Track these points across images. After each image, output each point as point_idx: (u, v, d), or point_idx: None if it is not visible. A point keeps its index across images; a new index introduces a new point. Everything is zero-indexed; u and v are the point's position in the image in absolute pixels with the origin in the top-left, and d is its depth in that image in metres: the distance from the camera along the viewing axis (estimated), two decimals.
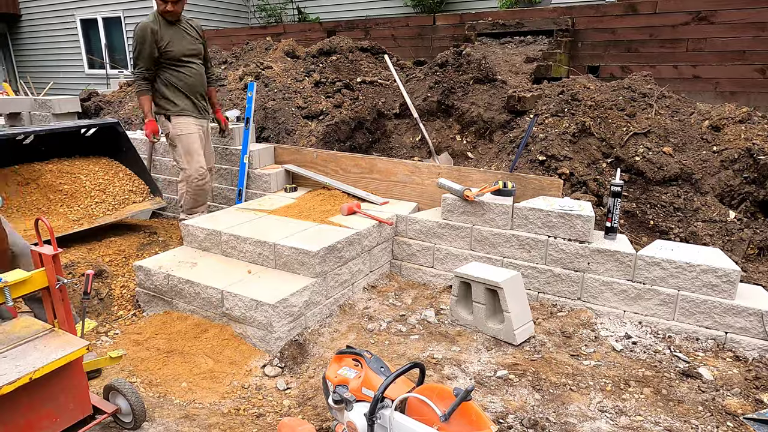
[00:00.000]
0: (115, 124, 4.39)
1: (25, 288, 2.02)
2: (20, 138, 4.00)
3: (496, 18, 6.87)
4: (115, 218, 4.12)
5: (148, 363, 2.80)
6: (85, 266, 3.55)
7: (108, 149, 4.53)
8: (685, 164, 3.74)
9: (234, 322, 2.98)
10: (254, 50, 7.00)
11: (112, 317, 3.32)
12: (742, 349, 2.74)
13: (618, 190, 3.11)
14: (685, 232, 3.51)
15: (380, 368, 1.90)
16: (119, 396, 2.22)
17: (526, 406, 2.36)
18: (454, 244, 3.57)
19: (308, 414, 2.40)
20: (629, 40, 6.02)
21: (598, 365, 2.66)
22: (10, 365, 1.85)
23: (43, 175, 4.11)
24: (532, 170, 3.94)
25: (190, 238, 3.65)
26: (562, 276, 3.22)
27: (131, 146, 4.48)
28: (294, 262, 3.18)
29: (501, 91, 4.97)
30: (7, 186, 3.94)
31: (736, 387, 2.46)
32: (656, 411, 2.32)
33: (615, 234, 3.17)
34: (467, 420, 1.63)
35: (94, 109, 7.10)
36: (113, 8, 11.31)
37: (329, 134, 5.12)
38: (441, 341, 2.93)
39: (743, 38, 5.47)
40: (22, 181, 4.03)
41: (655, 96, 4.28)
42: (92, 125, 4.37)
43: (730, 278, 2.75)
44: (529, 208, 3.26)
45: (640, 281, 2.99)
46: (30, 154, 4.19)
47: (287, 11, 11.27)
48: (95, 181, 4.28)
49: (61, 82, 12.41)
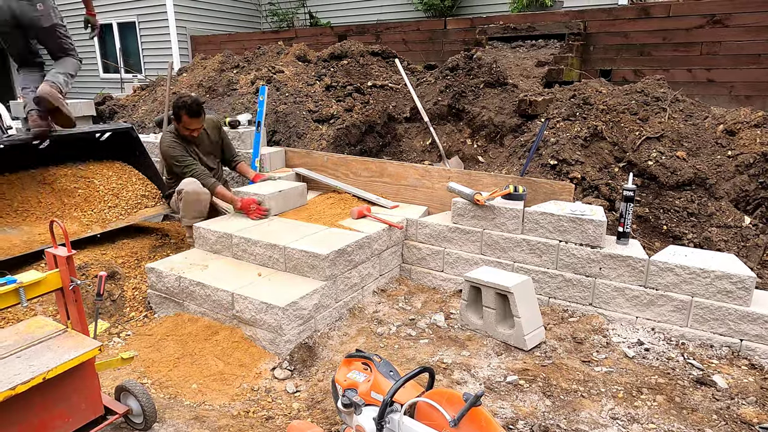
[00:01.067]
0: (130, 129, 4.44)
1: (39, 289, 2.05)
2: (36, 143, 4.06)
3: (508, 22, 6.85)
4: (127, 222, 4.17)
5: (159, 364, 2.82)
6: (98, 268, 3.59)
7: (122, 153, 4.58)
8: (699, 169, 3.70)
9: (244, 324, 2.99)
10: (266, 54, 7.05)
11: (124, 318, 3.35)
12: (757, 357, 2.69)
13: (630, 194, 3.08)
14: (699, 238, 3.46)
15: (389, 372, 1.89)
16: (130, 397, 2.24)
17: (537, 413, 2.34)
18: (465, 248, 3.56)
19: (317, 417, 2.40)
20: (642, 44, 5.97)
21: (610, 372, 2.63)
22: (24, 365, 1.88)
23: (58, 180, 4.17)
24: (543, 174, 3.92)
25: (201, 240, 3.68)
26: (574, 281, 3.19)
27: (144, 151, 4.53)
28: (304, 265, 3.19)
29: (512, 95, 4.95)
30: (23, 190, 4.00)
31: (751, 395, 2.41)
32: (669, 419, 2.28)
33: (627, 239, 3.14)
34: (477, 426, 1.62)
35: (109, 112, 7.20)
36: (128, 13, 11.48)
37: (340, 138, 5.14)
38: (451, 346, 2.92)
39: (758, 41, 5.40)
40: (38, 185, 4.10)
41: (669, 100, 4.23)
42: (107, 130, 4.43)
43: (745, 285, 2.70)
44: (540, 213, 3.24)
45: (653, 287, 2.95)
46: (46, 158, 4.26)
47: (299, 16, 11.35)
48: (109, 185, 4.32)
49: (76, 85, 12.59)
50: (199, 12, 11.26)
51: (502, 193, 3.41)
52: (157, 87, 7.47)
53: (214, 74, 6.75)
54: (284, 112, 5.50)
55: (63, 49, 3.98)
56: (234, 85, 6.37)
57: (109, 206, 4.20)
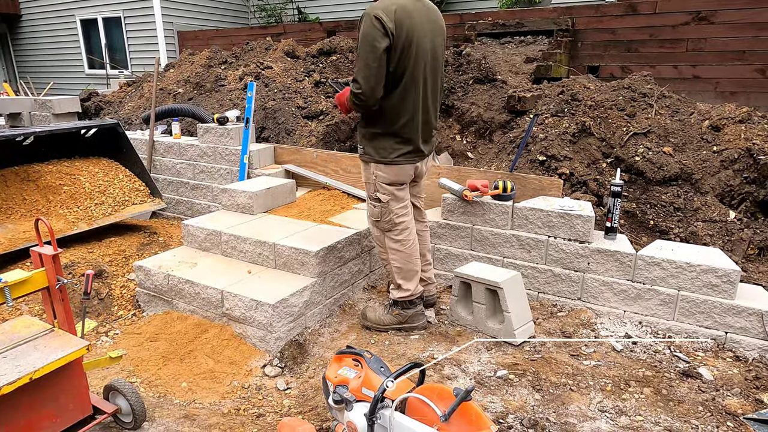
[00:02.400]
0: (116, 125, 4.39)
1: (25, 288, 2.02)
2: (20, 139, 4.00)
3: (496, 18, 6.87)
4: (114, 219, 4.13)
5: (148, 363, 2.80)
6: (85, 266, 3.56)
7: (108, 150, 4.53)
8: (685, 164, 3.74)
9: (234, 322, 2.98)
10: (254, 50, 7.00)
11: (112, 317, 3.32)
12: (742, 349, 2.74)
13: (618, 190, 3.11)
14: (685, 232, 3.51)
15: (380, 368, 1.90)
16: (119, 396, 2.22)
17: (526, 406, 2.36)
18: (454, 244, 3.57)
19: (308, 414, 2.40)
20: (629, 40, 6.02)
21: (598, 365, 2.66)
22: (11, 365, 1.85)
23: (43, 176, 4.11)
24: (532, 170, 3.94)
25: (190, 238, 3.65)
26: (562, 276, 3.22)
27: (131, 147, 4.49)
28: (294, 262, 3.18)
29: (501, 91, 4.96)
30: (7, 187, 3.94)
31: (736, 387, 2.46)
32: (656, 411, 2.31)
33: (615, 234, 3.17)
34: (467, 420, 1.63)
35: (95, 109, 7.11)
36: (113, 8, 11.32)
37: (329, 134, 5.12)
38: (441, 341, 2.93)
39: (743, 38, 5.46)
40: (22, 182, 4.04)
41: (655, 96, 4.27)
42: (92, 126, 4.37)
43: (730, 278, 2.75)
44: (529, 209, 3.26)
45: (640, 281, 2.99)
46: (30, 155, 4.19)
47: (287, 11, 11.27)
48: (95, 182, 4.28)
49: (62, 82, 12.41)
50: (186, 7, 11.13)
51: (492, 193, 3.42)
52: (143, 83, 7.39)
53: (202, 70, 6.68)
54: (273, 108, 5.47)
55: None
56: (222, 81, 6.31)
57: (95, 203, 4.16)
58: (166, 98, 6.30)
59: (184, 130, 5.65)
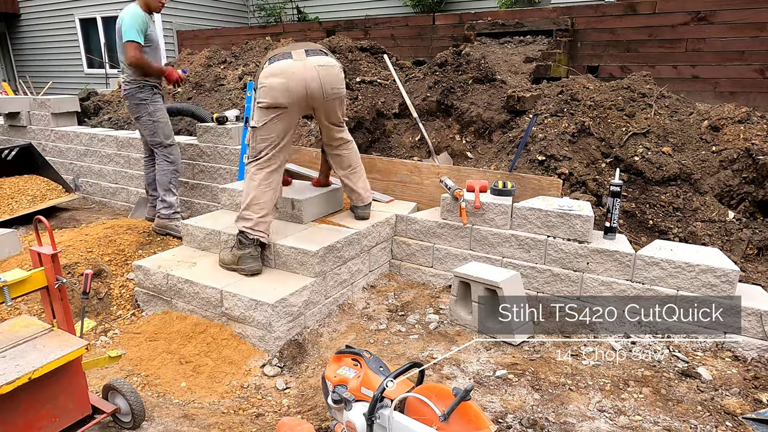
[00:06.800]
0: (29, 146, 5.50)
1: (24, 287, 2.02)
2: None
3: (496, 18, 6.87)
4: (33, 209, 5.06)
5: (148, 362, 2.79)
6: (85, 266, 3.55)
7: (26, 166, 5.55)
8: (684, 164, 3.75)
9: (233, 321, 2.98)
10: (254, 50, 7.00)
11: (112, 317, 3.32)
12: (740, 349, 2.74)
13: (617, 190, 3.11)
14: (684, 232, 3.51)
15: (379, 368, 1.90)
16: (118, 395, 2.22)
17: (526, 406, 2.36)
18: (454, 243, 3.57)
19: (307, 414, 2.40)
20: (628, 41, 6.02)
21: (597, 365, 2.66)
22: (10, 365, 1.85)
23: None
24: (531, 170, 3.94)
25: (189, 237, 3.65)
26: (562, 276, 3.22)
27: (45, 160, 5.62)
28: (293, 261, 3.18)
29: (500, 90, 4.96)
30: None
31: (734, 387, 2.46)
32: (655, 411, 2.32)
33: (614, 234, 3.17)
34: (466, 420, 1.63)
35: (94, 108, 7.10)
36: (112, 8, 11.30)
37: None
38: (440, 341, 2.93)
39: (742, 38, 5.47)
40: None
41: (655, 96, 4.28)
42: (12, 147, 5.44)
43: (729, 278, 2.75)
44: (528, 208, 3.26)
45: (640, 281, 2.99)
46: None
47: (287, 11, 11.27)
48: (15, 188, 5.36)
49: (61, 81, 12.40)
50: (185, 6, 11.13)
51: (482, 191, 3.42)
52: None
53: (201, 69, 6.68)
54: None
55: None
56: (221, 80, 6.31)
57: (15, 201, 5.18)
58: (165, 98, 6.28)
59: (184, 130, 5.64)
